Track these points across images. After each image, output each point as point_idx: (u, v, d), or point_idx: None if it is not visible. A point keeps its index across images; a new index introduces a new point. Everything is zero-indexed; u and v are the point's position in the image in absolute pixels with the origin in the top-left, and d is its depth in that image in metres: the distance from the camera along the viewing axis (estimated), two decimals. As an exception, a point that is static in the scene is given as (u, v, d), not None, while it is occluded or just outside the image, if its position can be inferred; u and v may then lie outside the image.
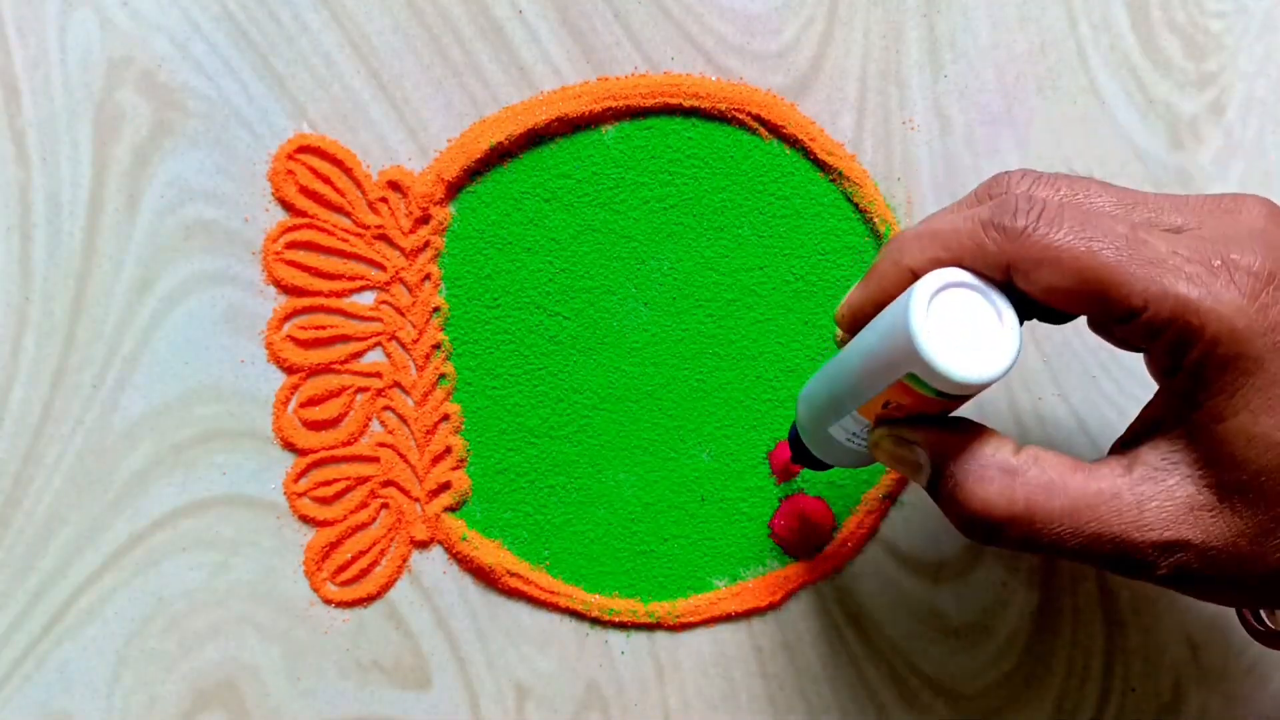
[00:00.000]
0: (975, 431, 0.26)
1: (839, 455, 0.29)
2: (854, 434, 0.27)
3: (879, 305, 0.26)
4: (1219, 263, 0.24)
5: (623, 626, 0.36)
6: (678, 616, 0.36)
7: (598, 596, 0.36)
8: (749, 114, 0.36)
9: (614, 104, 0.36)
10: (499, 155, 0.36)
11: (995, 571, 0.36)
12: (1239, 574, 0.24)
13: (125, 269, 0.35)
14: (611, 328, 0.36)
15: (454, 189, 0.36)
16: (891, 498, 0.36)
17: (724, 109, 0.36)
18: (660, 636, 0.36)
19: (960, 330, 0.24)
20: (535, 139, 0.36)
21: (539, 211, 0.36)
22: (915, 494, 0.36)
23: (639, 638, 0.36)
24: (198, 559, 0.35)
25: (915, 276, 0.26)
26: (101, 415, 0.35)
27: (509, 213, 0.36)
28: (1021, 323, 0.25)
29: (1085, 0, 0.37)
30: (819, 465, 0.31)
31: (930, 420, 0.26)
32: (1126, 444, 0.26)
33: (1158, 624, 0.37)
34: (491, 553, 0.36)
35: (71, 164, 0.35)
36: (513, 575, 0.35)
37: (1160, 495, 0.24)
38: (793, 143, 0.36)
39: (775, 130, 0.36)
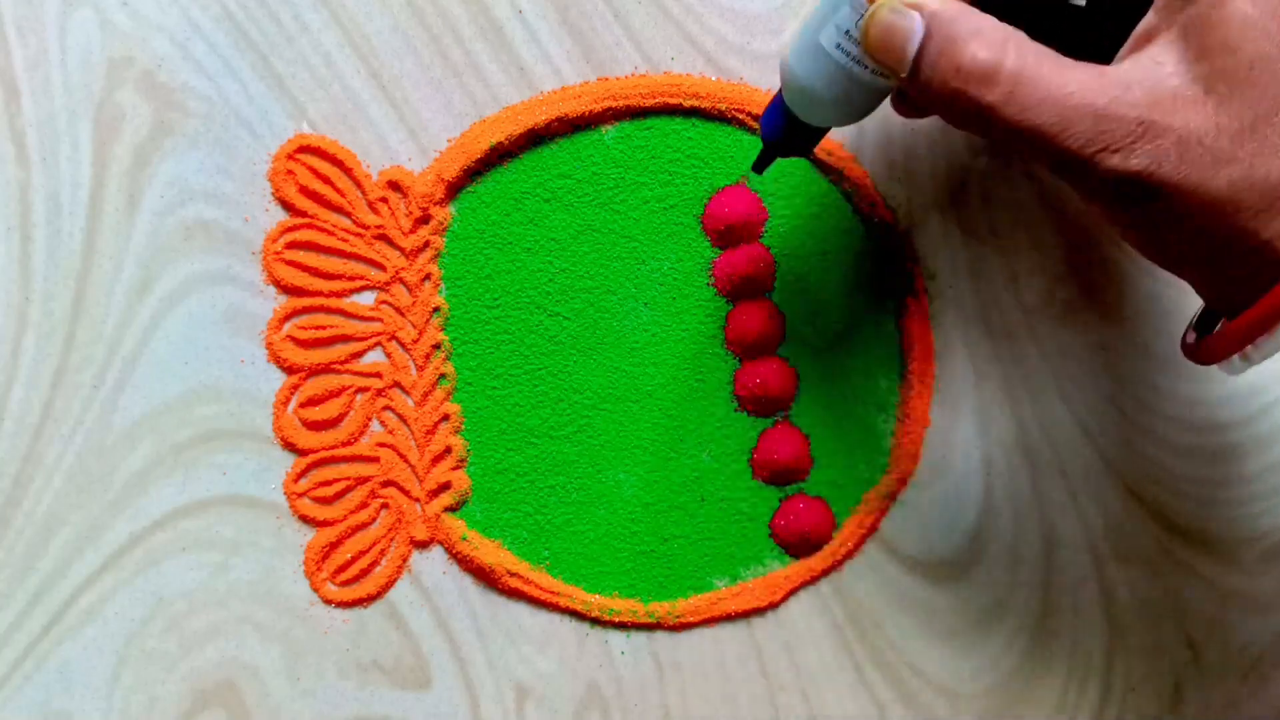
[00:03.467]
0: (971, 8, 0.26)
1: (824, 91, 0.28)
2: (847, 32, 0.26)
3: None
4: None
5: (623, 626, 0.36)
6: (678, 616, 0.36)
7: (598, 597, 0.36)
8: (749, 114, 0.36)
9: (614, 104, 0.36)
10: (499, 155, 0.36)
11: (996, 571, 0.36)
12: (1208, 178, 0.24)
13: (125, 269, 0.35)
14: (611, 328, 0.36)
15: (454, 189, 0.36)
16: (891, 497, 0.36)
17: (724, 109, 0.36)
18: (660, 636, 0.36)
19: None
20: (535, 139, 0.36)
21: (539, 211, 0.36)
22: (915, 494, 0.36)
23: (639, 638, 0.36)
24: (198, 559, 0.35)
25: None
26: (101, 415, 0.35)
27: (509, 213, 0.36)
28: None
29: (1086, 0, 0.37)
30: (799, 145, 0.30)
31: None
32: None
33: (1158, 624, 0.37)
34: (492, 553, 0.36)
35: (71, 164, 0.35)
36: (513, 575, 0.35)
37: (1149, 80, 0.24)
38: (793, 143, 0.36)
39: (775, 130, 0.36)
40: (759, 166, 0.32)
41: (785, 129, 0.30)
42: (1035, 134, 0.25)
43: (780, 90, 0.29)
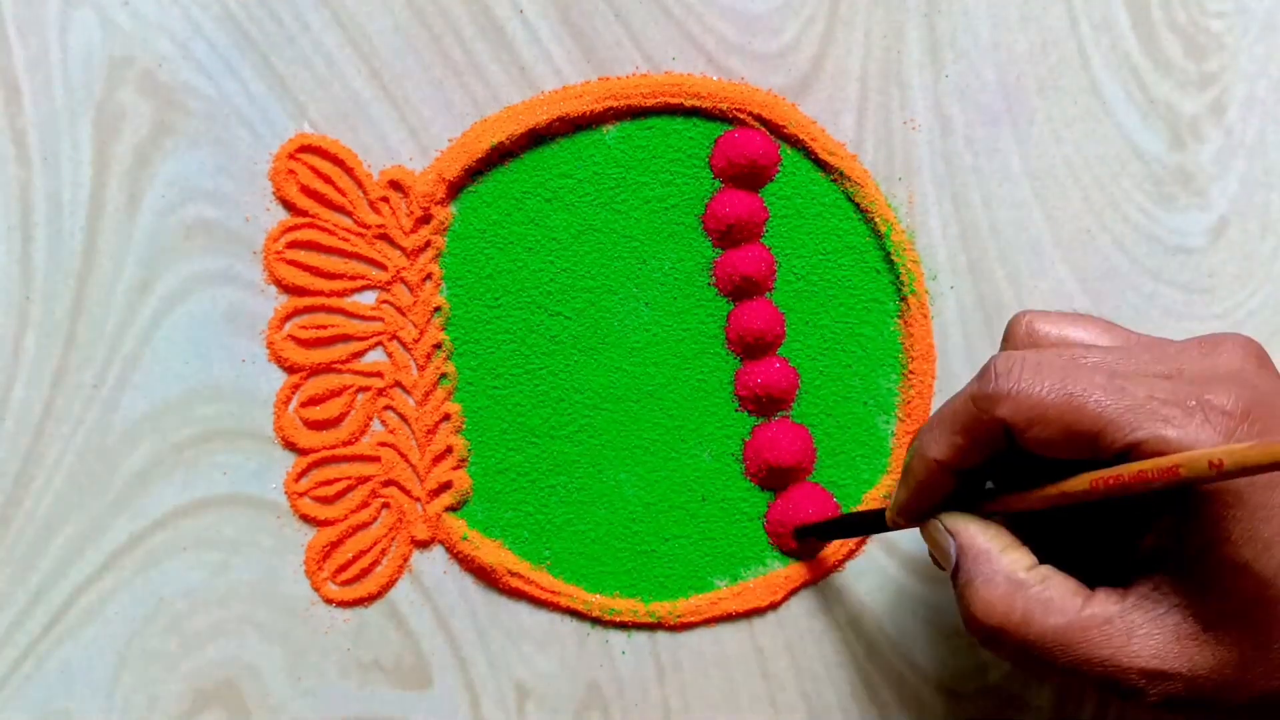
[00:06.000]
0: (1002, 541, 0.28)
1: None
2: None
3: (921, 500, 0.29)
4: (1194, 403, 0.25)
5: (624, 626, 0.36)
6: (679, 616, 0.36)
7: (599, 596, 0.36)
8: (750, 114, 0.36)
9: (615, 104, 0.36)
10: (500, 155, 0.36)
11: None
12: (1225, 701, 0.25)
13: (126, 269, 0.35)
14: (612, 327, 0.36)
15: (455, 188, 0.36)
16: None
17: (725, 109, 0.36)
18: (661, 636, 0.36)
19: None
20: (536, 139, 0.36)
21: (540, 211, 0.36)
22: (916, 494, 0.36)
23: (640, 638, 0.36)
24: (198, 559, 0.35)
25: (943, 467, 0.28)
26: (102, 415, 0.35)
27: (510, 212, 0.36)
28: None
29: (1086, 0, 0.37)
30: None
31: (970, 519, 0.28)
32: (1125, 577, 0.27)
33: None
34: (492, 552, 0.36)
35: (72, 164, 0.35)
36: (514, 575, 0.35)
37: (1149, 624, 0.26)
38: (794, 143, 0.36)
39: (776, 130, 0.36)
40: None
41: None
42: (1053, 674, 0.26)
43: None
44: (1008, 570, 0.27)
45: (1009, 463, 0.28)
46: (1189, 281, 0.37)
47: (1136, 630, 0.26)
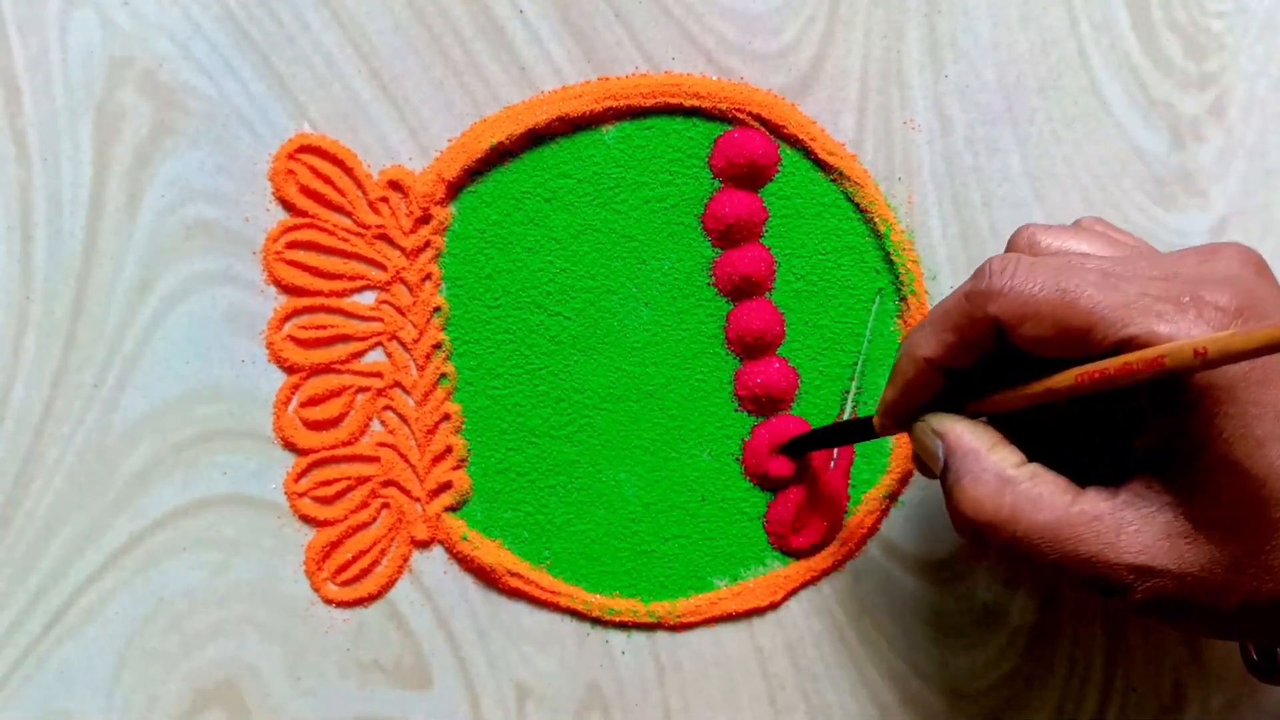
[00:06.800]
0: (990, 439, 0.28)
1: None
2: None
3: (909, 399, 0.29)
4: (1188, 299, 0.25)
5: (623, 626, 0.36)
6: (678, 616, 0.36)
7: (598, 596, 0.36)
8: (750, 114, 0.36)
9: (615, 104, 0.36)
10: (500, 155, 0.36)
11: (996, 571, 0.36)
12: (1212, 603, 0.25)
13: (126, 269, 0.35)
14: (612, 327, 0.36)
15: (455, 189, 0.36)
16: (892, 497, 0.36)
17: (725, 109, 0.36)
18: (661, 636, 0.36)
19: None
20: (536, 139, 0.36)
21: (540, 211, 0.36)
22: (915, 494, 0.36)
23: (640, 638, 0.36)
24: (198, 559, 0.35)
25: (932, 365, 0.28)
26: (102, 415, 0.35)
27: (510, 212, 0.36)
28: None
29: (1086, 0, 0.37)
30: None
31: (957, 419, 0.28)
32: (1115, 481, 0.27)
33: (1158, 624, 0.37)
34: (492, 553, 0.36)
35: (72, 164, 0.35)
36: (513, 575, 0.35)
37: (1139, 520, 0.25)
38: (793, 143, 0.36)
39: (776, 130, 0.36)
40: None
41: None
42: (1041, 571, 0.26)
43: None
44: (996, 467, 0.27)
45: (996, 372, 0.28)
46: (1189, 281, 0.37)
47: (1126, 526, 0.25)
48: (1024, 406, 0.27)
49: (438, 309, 0.36)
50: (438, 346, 0.36)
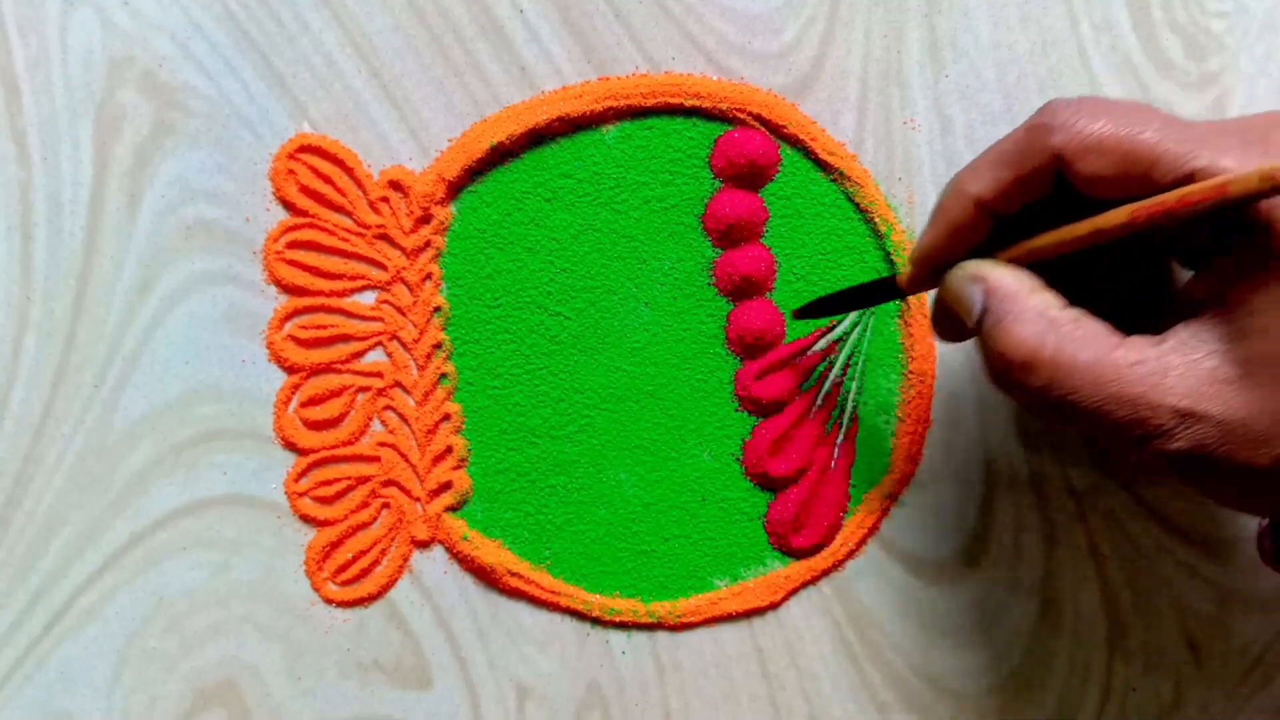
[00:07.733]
0: (1032, 283, 0.27)
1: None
2: None
3: (950, 241, 0.28)
4: (1254, 137, 0.24)
5: (624, 626, 0.36)
6: (679, 616, 0.36)
7: (599, 596, 0.36)
8: (750, 114, 0.36)
9: (615, 104, 0.36)
10: (500, 155, 0.36)
11: (997, 571, 0.36)
12: (1248, 459, 0.25)
13: (126, 268, 0.35)
14: (612, 327, 0.36)
15: (455, 188, 0.36)
16: (892, 497, 0.36)
17: (725, 109, 0.36)
18: (661, 636, 0.36)
19: None
20: (536, 139, 0.36)
21: (540, 211, 0.36)
22: (916, 494, 0.36)
23: (640, 638, 0.36)
24: (198, 559, 0.35)
25: (980, 207, 0.27)
26: (102, 415, 0.35)
27: (510, 212, 0.36)
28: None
29: (1086, 0, 0.37)
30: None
31: (995, 263, 0.28)
32: (1161, 326, 0.26)
33: (1158, 624, 0.37)
34: (492, 552, 0.36)
35: (72, 164, 0.35)
36: (514, 575, 0.35)
37: (1185, 364, 0.25)
38: (794, 143, 0.36)
39: (776, 130, 0.36)
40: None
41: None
42: (1078, 417, 0.25)
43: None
44: (1039, 307, 0.26)
45: (1037, 224, 0.27)
46: (1189, 281, 0.37)
47: (1171, 370, 0.25)
48: (1068, 251, 0.27)
49: (438, 309, 0.36)
50: (438, 346, 0.36)
